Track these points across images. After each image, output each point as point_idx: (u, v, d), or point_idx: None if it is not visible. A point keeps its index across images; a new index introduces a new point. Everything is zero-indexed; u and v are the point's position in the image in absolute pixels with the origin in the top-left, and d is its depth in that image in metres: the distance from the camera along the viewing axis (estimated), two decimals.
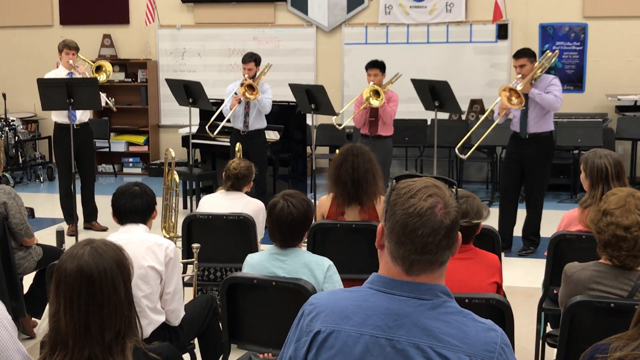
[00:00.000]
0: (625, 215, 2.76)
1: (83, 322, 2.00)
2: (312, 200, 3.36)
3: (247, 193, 4.90)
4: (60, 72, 7.36)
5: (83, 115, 7.41)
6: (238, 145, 6.78)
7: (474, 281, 3.10)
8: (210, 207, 4.75)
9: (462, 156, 6.83)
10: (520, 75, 6.37)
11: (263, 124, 7.71)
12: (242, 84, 7.32)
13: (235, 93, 7.45)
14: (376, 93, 6.99)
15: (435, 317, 1.66)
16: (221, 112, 7.60)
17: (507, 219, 6.69)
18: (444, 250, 1.67)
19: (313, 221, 3.49)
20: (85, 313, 2.00)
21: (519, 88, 6.21)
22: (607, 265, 2.86)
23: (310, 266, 3.16)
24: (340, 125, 7.51)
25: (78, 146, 7.24)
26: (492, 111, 6.65)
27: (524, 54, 6.43)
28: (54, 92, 6.35)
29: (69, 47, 7.32)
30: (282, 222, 3.15)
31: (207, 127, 7.56)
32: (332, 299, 1.76)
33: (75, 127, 7.22)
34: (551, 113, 6.50)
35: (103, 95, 7.35)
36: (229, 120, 7.57)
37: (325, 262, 3.20)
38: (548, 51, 6.75)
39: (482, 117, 7.02)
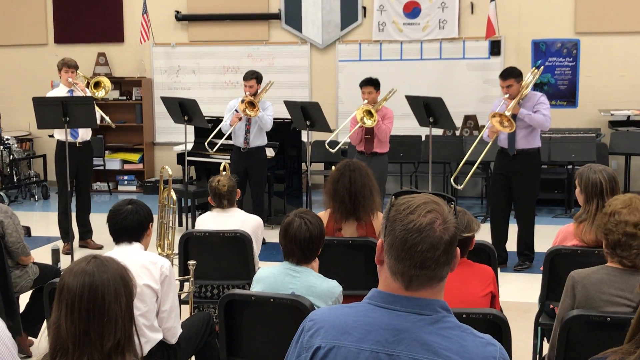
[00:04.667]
0: (633, 213, 2.84)
1: (83, 327, 2.03)
2: None
3: (245, 210, 4.90)
4: (61, 91, 7.39)
5: (85, 134, 7.43)
6: (224, 164, 6.72)
7: (469, 292, 3.12)
8: (208, 225, 4.74)
9: (457, 186, 6.53)
10: (507, 95, 6.33)
11: (264, 140, 7.75)
12: (242, 101, 7.36)
13: (236, 110, 7.49)
14: (369, 113, 6.93)
15: (434, 332, 1.67)
16: (220, 129, 7.62)
17: (498, 235, 6.66)
18: (443, 265, 1.69)
19: None
20: (86, 319, 2.03)
21: (507, 113, 6.16)
22: (616, 268, 2.90)
23: (317, 293, 3.16)
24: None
25: (79, 164, 7.27)
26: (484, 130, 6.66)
27: (510, 74, 6.35)
28: (50, 111, 6.35)
29: (68, 66, 7.36)
30: (300, 239, 3.16)
31: (206, 143, 7.57)
32: (332, 315, 1.78)
33: (78, 145, 7.26)
34: (538, 130, 6.47)
35: (100, 112, 7.38)
36: (228, 137, 7.60)
37: (336, 291, 3.22)
38: (534, 68, 6.74)
39: (476, 142, 6.82)
